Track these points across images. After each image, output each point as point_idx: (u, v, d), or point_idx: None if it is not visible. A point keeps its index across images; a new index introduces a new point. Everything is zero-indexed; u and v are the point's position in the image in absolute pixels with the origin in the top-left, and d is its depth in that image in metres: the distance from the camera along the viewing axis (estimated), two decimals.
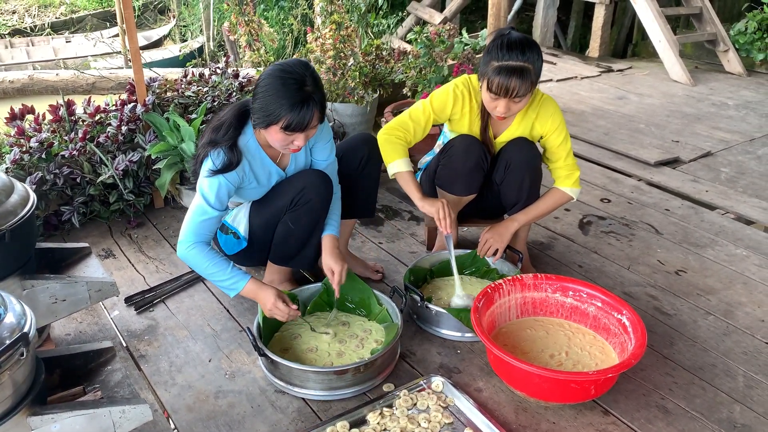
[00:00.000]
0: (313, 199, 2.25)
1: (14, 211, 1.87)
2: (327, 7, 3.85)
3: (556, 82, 5.92)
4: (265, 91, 2.01)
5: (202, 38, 8.77)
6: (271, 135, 2.06)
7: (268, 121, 2.01)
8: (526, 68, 2.16)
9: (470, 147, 2.44)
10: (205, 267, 2.11)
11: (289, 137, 2.04)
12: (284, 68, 2.02)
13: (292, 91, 1.97)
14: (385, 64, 3.95)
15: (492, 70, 2.18)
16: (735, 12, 7.51)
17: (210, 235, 2.16)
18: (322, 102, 2.04)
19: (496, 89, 2.19)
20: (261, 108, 2.02)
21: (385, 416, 1.91)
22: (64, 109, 3.10)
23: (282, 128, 2.00)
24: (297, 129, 2.00)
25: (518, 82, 2.15)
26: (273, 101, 1.99)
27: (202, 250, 2.11)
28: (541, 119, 2.43)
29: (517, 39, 2.20)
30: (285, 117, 1.98)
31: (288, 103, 1.97)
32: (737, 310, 2.54)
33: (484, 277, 2.60)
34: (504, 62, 2.16)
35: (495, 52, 2.19)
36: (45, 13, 12.77)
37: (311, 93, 1.99)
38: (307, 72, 2.02)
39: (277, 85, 1.99)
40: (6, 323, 1.43)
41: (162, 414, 1.99)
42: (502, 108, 2.24)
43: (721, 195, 3.59)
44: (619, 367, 1.88)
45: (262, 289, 2.14)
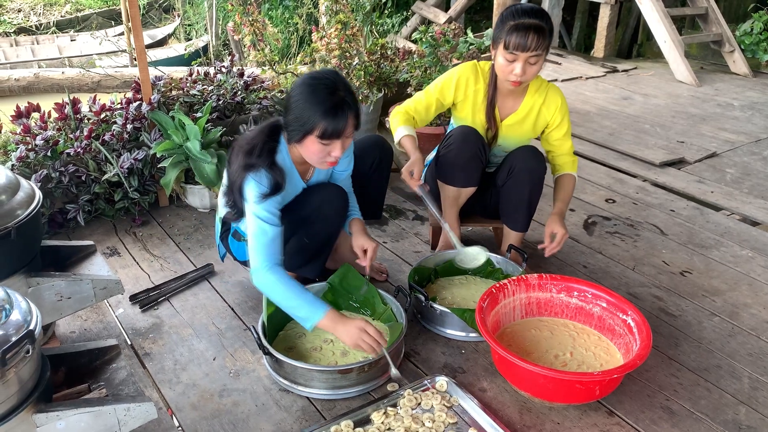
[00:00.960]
0: (329, 215, 2.27)
1: (20, 209, 1.88)
2: (332, 7, 3.85)
3: (561, 82, 5.91)
4: (297, 101, 1.99)
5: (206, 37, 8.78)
6: (308, 148, 2.04)
7: (304, 132, 1.99)
8: (541, 26, 2.25)
9: (468, 137, 2.47)
10: (282, 294, 2.02)
11: (326, 147, 2.02)
12: (314, 75, 2.02)
13: (325, 97, 1.96)
14: (390, 64, 3.95)
15: (508, 29, 2.26)
16: (741, 13, 7.49)
17: (279, 256, 2.07)
18: (357, 108, 2.02)
19: (513, 46, 2.24)
20: (295, 119, 2.00)
21: (390, 416, 1.91)
22: (70, 107, 3.10)
23: (318, 137, 1.98)
24: (333, 136, 1.98)
25: (535, 38, 2.22)
26: (306, 109, 1.97)
27: (279, 277, 2.02)
28: (548, 105, 2.49)
29: (529, 5, 2.31)
30: (320, 124, 1.96)
31: (321, 109, 1.95)
32: (742, 311, 2.53)
33: (488, 277, 2.60)
34: (520, 20, 2.24)
35: (510, 16, 2.28)
36: (50, 11, 12.79)
37: (344, 97, 1.97)
38: (338, 78, 2.01)
39: (309, 92, 1.98)
40: (12, 321, 1.43)
41: (166, 412, 1.99)
42: (518, 69, 2.28)
43: (727, 196, 3.58)
44: (624, 368, 1.88)
45: (341, 321, 2.00)
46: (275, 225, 2.06)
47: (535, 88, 2.49)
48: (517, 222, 2.60)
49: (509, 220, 2.62)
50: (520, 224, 2.60)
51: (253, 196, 2.06)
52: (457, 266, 2.56)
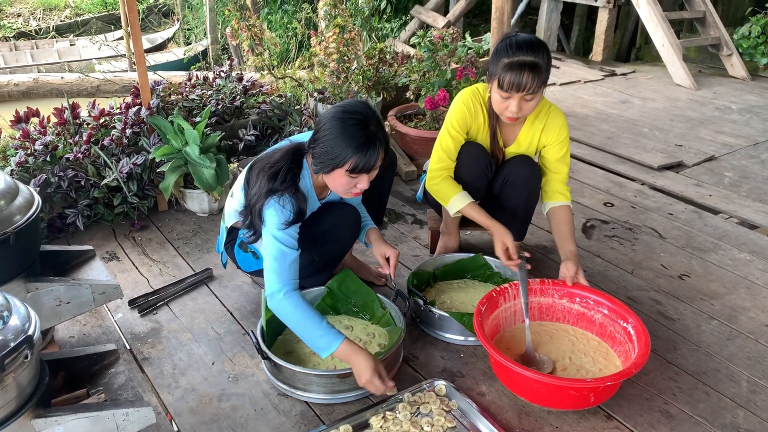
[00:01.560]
0: (342, 235, 2.29)
1: (19, 214, 1.88)
2: (331, 11, 3.86)
3: (559, 86, 5.92)
4: (329, 134, 1.97)
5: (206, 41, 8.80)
6: (335, 179, 2.03)
7: (333, 165, 1.98)
8: (538, 63, 2.17)
9: (477, 156, 2.45)
10: (298, 321, 1.98)
11: (353, 180, 2.01)
12: (347, 109, 2.00)
13: (357, 132, 1.94)
14: (388, 68, 3.96)
15: (502, 67, 2.18)
16: (738, 16, 7.51)
17: (296, 279, 2.05)
18: (387, 141, 2.02)
19: (507, 86, 2.18)
20: (325, 152, 1.98)
21: (388, 420, 1.91)
22: (69, 112, 3.11)
23: (347, 171, 1.97)
24: (363, 171, 1.98)
25: (530, 77, 2.15)
26: (338, 144, 1.95)
27: (297, 303, 1.98)
28: (547, 131, 2.44)
29: (526, 38, 2.22)
30: (351, 160, 1.95)
31: (353, 145, 1.94)
32: (741, 314, 2.53)
33: (487, 281, 2.60)
34: (515, 58, 2.16)
35: (504, 51, 2.19)
36: (50, 16, 12.81)
37: (375, 132, 1.97)
38: (370, 112, 2.00)
39: (341, 127, 1.96)
40: (10, 326, 1.43)
41: (165, 417, 1.99)
42: (514, 107, 2.22)
43: (725, 199, 3.59)
44: (619, 376, 1.88)
45: (357, 353, 1.93)
46: (294, 249, 2.04)
47: (536, 114, 2.43)
48: (512, 231, 2.57)
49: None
50: (516, 233, 2.56)
51: (275, 221, 2.03)
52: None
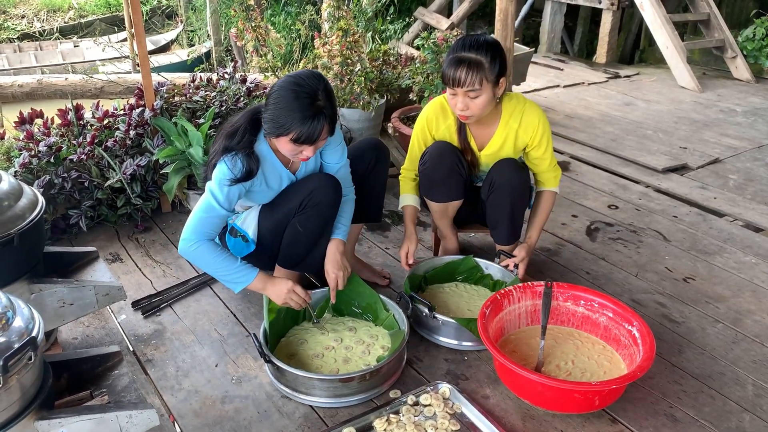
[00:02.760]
0: (321, 202, 2.25)
1: (23, 215, 1.88)
2: (334, 13, 3.86)
3: (563, 87, 5.92)
4: (276, 102, 2.02)
5: (209, 43, 8.80)
6: (281, 144, 2.08)
7: (278, 133, 2.03)
8: (477, 60, 2.19)
9: (443, 153, 2.44)
10: (210, 262, 2.12)
11: (298, 148, 2.06)
12: (297, 81, 2.02)
13: (304, 105, 1.98)
14: (392, 70, 3.95)
15: (446, 63, 2.24)
16: (743, 18, 7.49)
17: (213, 234, 2.16)
18: (333, 115, 2.06)
19: (446, 80, 2.24)
20: (272, 119, 2.03)
21: (392, 423, 1.91)
22: (73, 114, 3.11)
23: (291, 140, 2.02)
24: (306, 142, 2.02)
25: (465, 72, 2.18)
26: (284, 114, 1.99)
27: (207, 246, 2.11)
28: (524, 127, 2.41)
29: (475, 37, 2.27)
30: (295, 130, 1.99)
31: (299, 117, 1.98)
32: (746, 318, 2.52)
33: (477, 284, 2.59)
34: (456, 54, 2.22)
35: (451, 50, 2.26)
36: (54, 17, 12.83)
37: (322, 107, 2.00)
38: (320, 85, 2.02)
39: (290, 98, 2.00)
40: (14, 327, 1.43)
41: (168, 419, 1.98)
42: (460, 104, 2.26)
43: (730, 202, 3.58)
44: (624, 379, 1.87)
45: (272, 281, 2.16)
46: (225, 209, 2.12)
47: (509, 113, 2.40)
48: (501, 236, 2.56)
49: (494, 234, 2.59)
50: (504, 238, 2.55)
51: (220, 176, 2.11)
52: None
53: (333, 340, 2.24)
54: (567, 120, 4.97)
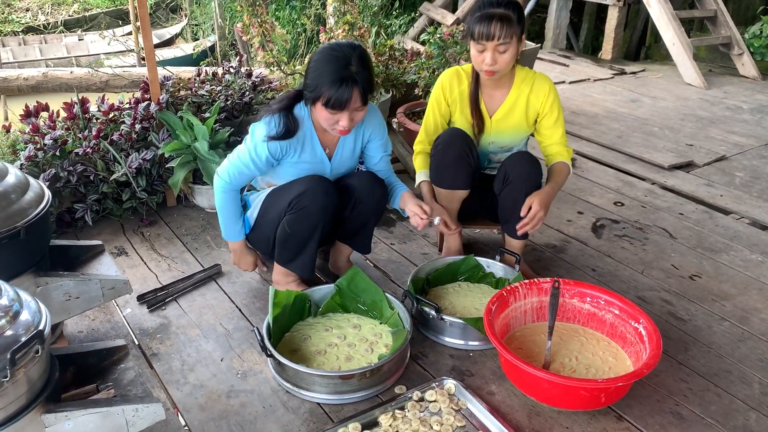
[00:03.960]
0: (308, 206, 2.25)
1: (29, 209, 1.88)
2: (340, 7, 3.85)
3: (568, 84, 5.90)
4: (313, 66, 2.12)
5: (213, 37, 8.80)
6: (318, 113, 2.15)
7: (312, 96, 2.11)
8: (507, 15, 2.28)
9: (453, 138, 2.49)
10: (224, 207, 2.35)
11: (333, 116, 2.12)
12: (333, 47, 2.14)
13: (335, 68, 2.05)
14: (397, 65, 3.94)
15: (475, 20, 2.31)
16: (750, 15, 7.45)
17: (240, 185, 2.35)
18: (366, 84, 2.10)
19: (478, 35, 2.29)
20: (307, 84, 2.13)
21: (397, 418, 1.90)
22: (79, 107, 3.11)
23: (323, 105, 2.08)
24: (337, 107, 2.07)
25: (498, 26, 2.26)
26: (317, 77, 2.08)
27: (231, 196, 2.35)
28: (536, 92, 2.50)
29: None
30: (325, 93, 2.05)
31: (328, 80, 2.05)
32: (753, 316, 2.51)
33: (479, 282, 2.58)
34: (485, 10, 2.30)
35: (477, 8, 2.34)
36: (58, 10, 12.83)
37: (354, 72, 2.05)
38: (354, 53, 2.09)
39: (323, 60, 2.09)
40: (21, 320, 1.43)
41: (174, 413, 1.98)
42: (488, 58, 2.31)
43: (736, 200, 3.56)
44: (631, 377, 1.87)
45: (244, 252, 2.52)
46: (255, 164, 2.27)
47: (521, 79, 2.50)
48: (514, 230, 2.53)
49: (508, 228, 2.55)
50: (511, 229, 2.54)
51: (258, 132, 2.23)
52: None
53: (336, 337, 2.23)
54: (573, 116, 4.95)
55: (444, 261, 2.60)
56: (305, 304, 2.34)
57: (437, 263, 2.60)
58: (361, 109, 2.13)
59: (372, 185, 2.40)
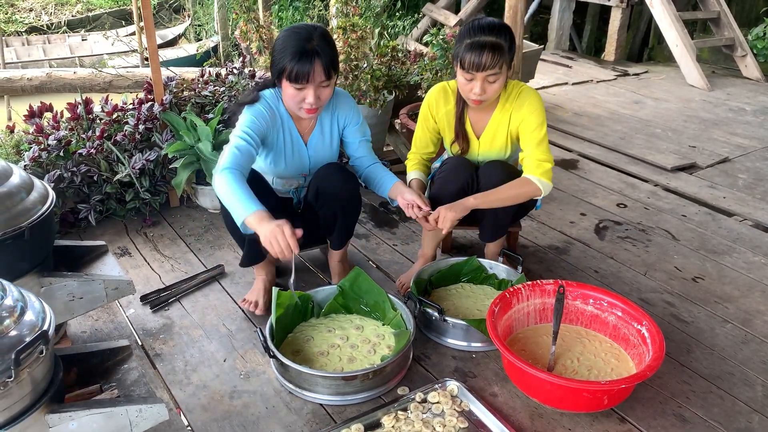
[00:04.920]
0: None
1: (34, 209, 1.88)
2: (342, 8, 3.85)
3: (571, 85, 5.90)
4: (276, 47, 2.17)
5: (216, 38, 8.80)
6: (285, 91, 2.19)
7: (277, 72, 2.15)
8: (499, 44, 2.19)
9: (459, 170, 2.41)
10: (226, 190, 2.03)
11: (299, 92, 2.15)
12: (295, 27, 2.20)
13: (296, 42, 2.11)
14: (400, 66, 3.94)
15: (464, 47, 2.21)
16: (753, 16, 7.45)
17: (241, 168, 2.10)
18: (329, 57, 2.13)
19: (468, 65, 2.20)
20: (272, 63, 2.18)
21: (400, 420, 1.91)
22: (82, 107, 3.11)
23: (287, 78, 2.12)
24: (301, 79, 2.10)
25: (490, 56, 2.17)
26: (279, 52, 2.14)
27: (231, 177, 2.05)
28: (517, 108, 2.38)
29: (489, 20, 2.26)
30: (287, 66, 2.10)
31: (290, 52, 2.10)
32: (756, 318, 2.51)
33: (482, 283, 2.58)
34: (475, 38, 2.19)
35: (467, 33, 2.23)
36: (61, 10, 12.86)
37: (315, 46, 2.10)
38: (316, 30, 2.15)
39: (285, 38, 2.15)
40: (26, 321, 1.43)
41: (177, 413, 1.99)
42: (477, 88, 2.23)
43: (739, 201, 3.56)
44: (633, 379, 1.87)
45: (266, 221, 1.95)
46: (249, 144, 2.17)
47: (505, 99, 2.38)
48: (485, 234, 2.58)
49: (480, 233, 2.59)
50: (487, 235, 2.57)
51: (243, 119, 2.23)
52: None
53: (339, 338, 2.23)
54: (575, 118, 4.95)
55: (447, 262, 2.60)
56: (308, 305, 2.34)
57: (440, 264, 2.60)
58: (327, 84, 2.16)
59: (331, 174, 2.34)
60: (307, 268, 2.78)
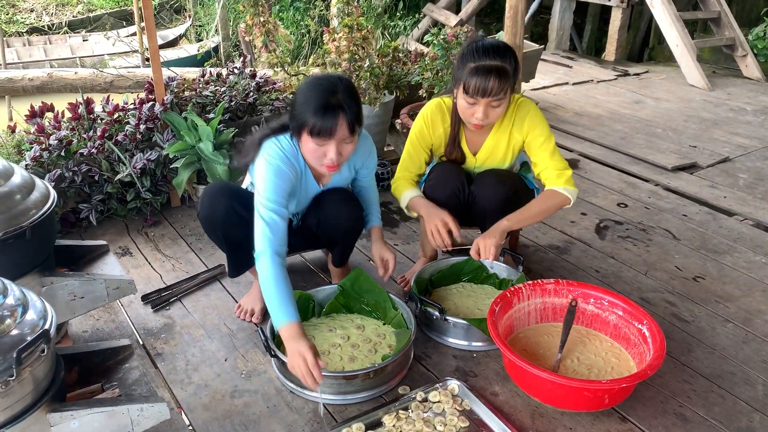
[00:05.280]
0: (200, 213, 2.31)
1: (35, 209, 1.88)
2: (344, 9, 3.85)
3: (572, 85, 5.90)
4: (298, 96, 2.05)
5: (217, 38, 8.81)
6: (305, 145, 2.06)
7: (299, 126, 2.02)
8: (504, 68, 2.12)
9: (448, 178, 2.38)
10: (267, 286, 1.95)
11: (320, 148, 2.02)
12: (318, 77, 2.06)
13: (320, 96, 1.98)
14: (401, 66, 3.94)
15: (468, 71, 2.13)
16: (753, 16, 7.45)
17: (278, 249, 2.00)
18: (354, 112, 2.00)
19: (473, 91, 2.13)
20: (293, 115, 2.05)
21: (401, 419, 1.91)
22: (84, 107, 3.12)
23: (309, 133, 2.00)
24: (323, 134, 1.98)
25: (496, 81, 2.10)
26: (302, 105, 2.01)
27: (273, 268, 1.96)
28: (518, 125, 2.33)
29: (493, 42, 2.18)
30: (310, 120, 1.97)
31: (314, 106, 1.97)
32: (756, 317, 2.51)
33: (483, 283, 2.58)
34: (481, 62, 2.12)
35: (470, 55, 2.15)
36: (62, 11, 12.87)
37: (340, 101, 1.98)
38: (341, 83, 2.02)
39: (308, 89, 2.02)
40: (27, 320, 1.44)
41: (178, 412, 1.99)
42: (480, 113, 2.17)
43: (740, 201, 3.56)
44: (634, 378, 1.87)
45: (295, 339, 1.87)
46: (281, 217, 2.04)
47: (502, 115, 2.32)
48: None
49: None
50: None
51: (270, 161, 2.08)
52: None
53: (340, 338, 2.24)
54: (576, 118, 4.96)
55: (448, 262, 2.61)
56: (309, 305, 2.34)
57: (441, 264, 2.60)
58: (350, 140, 2.04)
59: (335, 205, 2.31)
60: (308, 269, 2.78)
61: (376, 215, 2.47)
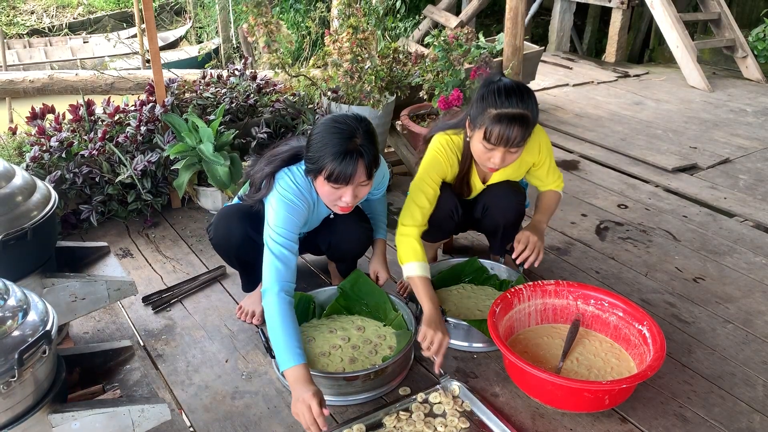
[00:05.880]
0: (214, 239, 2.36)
1: (36, 210, 1.89)
2: (345, 10, 3.85)
3: (572, 86, 5.90)
4: (315, 139, 1.99)
5: (217, 40, 8.82)
6: (320, 187, 2.03)
7: (315, 170, 1.98)
8: (527, 116, 2.06)
9: (442, 201, 2.34)
10: (274, 325, 1.91)
11: (335, 191, 1.99)
12: (337, 119, 2.00)
13: (339, 141, 1.93)
14: (402, 67, 3.95)
15: (490, 118, 2.05)
16: (754, 18, 7.45)
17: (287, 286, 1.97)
18: (371, 156, 1.96)
19: (496, 140, 2.06)
20: (309, 157, 2.00)
21: (402, 420, 1.91)
22: (84, 109, 3.12)
23: (326, 178, 1.96)
24: (341, 180, 1.94)
25: (520, 131, 2.04)
26: (320, 149, 1.95)
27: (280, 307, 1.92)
28: (529, 149, 2.30)
29: (513, 85, 2.10)
30: (328, 166, 1.93)
31: (331, 152, 1.92)
32: (757, 318, 2.51)
33: (483, 284, 2.58)
34: (504, 110, 2.04)
35: (492, 99, 2.07)
36: (63, 13, 12.89)
37: (359, 145, 1.93)
38: (360, 126, 1.97)
39: (327, 133, 1.96)
40: (29, 321, 1.44)
41: (179, 413, 1.99)
42: (497, 159, 2.12)
43: (740, 202, 3.56)
44: (635, 378, 1.87)
45: (300, 385, 1.81)
46: (291, 252, 2.01)
47: None
48: (493, 248, 2.63)
49: (491, 247, 2.64)
50: (496, 249, 2.61)
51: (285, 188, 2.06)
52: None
53: (340, 339, 2.24)
54: (576, 119, 4.96)
55: (448, 263, 2.61)
56: (310, 306, 2.35)
57: (441, 265, 2.60)
58: (366, 184, 2.00)
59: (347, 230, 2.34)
60: (308, 270, 2.79)
61: (383, 228, 2.49)
